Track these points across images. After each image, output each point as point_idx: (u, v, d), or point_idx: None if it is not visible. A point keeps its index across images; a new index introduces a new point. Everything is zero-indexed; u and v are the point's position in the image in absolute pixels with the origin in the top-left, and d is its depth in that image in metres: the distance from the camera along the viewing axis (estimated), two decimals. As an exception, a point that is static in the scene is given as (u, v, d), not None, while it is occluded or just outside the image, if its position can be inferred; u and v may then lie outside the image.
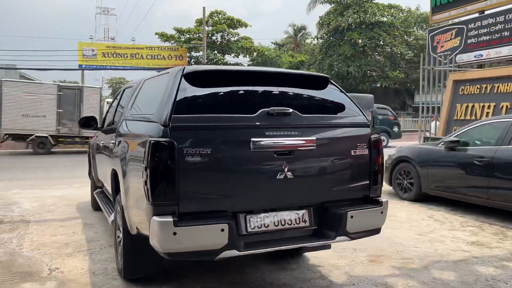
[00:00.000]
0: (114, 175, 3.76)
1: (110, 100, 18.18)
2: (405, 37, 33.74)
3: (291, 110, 2.99)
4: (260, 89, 3.23)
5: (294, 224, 3.04)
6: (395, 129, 21.32)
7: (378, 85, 36.13)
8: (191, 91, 2.97)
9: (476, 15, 11.37)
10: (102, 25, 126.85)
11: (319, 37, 36.50)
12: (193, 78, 3.02)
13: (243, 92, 3.19)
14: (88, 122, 5.11)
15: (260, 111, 2.91)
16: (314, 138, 3.01)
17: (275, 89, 3.27)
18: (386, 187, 8.02)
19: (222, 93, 3.14)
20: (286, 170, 2.90)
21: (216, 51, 36.93)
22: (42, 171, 11.60)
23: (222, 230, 2.67)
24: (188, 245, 2.67)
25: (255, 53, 37.89)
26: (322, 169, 3.12)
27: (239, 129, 2.86)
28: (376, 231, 3.28)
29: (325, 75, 3.61)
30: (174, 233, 2.61)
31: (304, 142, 2.97)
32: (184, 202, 2.69)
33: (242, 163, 2.86)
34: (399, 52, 32.02)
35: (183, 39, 35.88)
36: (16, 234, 4.98)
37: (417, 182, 6.98)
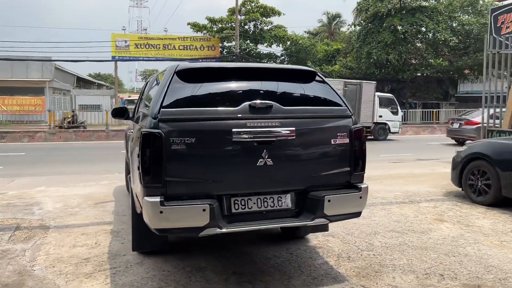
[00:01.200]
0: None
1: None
2: (449, 22, 31.58)
3: (272, 103, 3.23)
4: (247, 84, 3.48)
5: (276, 207, 3.30)
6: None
7: (419, 74, 34.23)
8: (181, 87, 3.25)
9: (549, -10, 9.93)
10: (135, 17, 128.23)
11: (356, 24, 34.80)
12: (185, 75, 3.31)
13: (230, 87, 3.43)
14: (120, 113, 5.07)
15: (242, 104, 3.17)
16: (293, 128, 3.23)
17: (261, 84, 3.52)
18: (453, 188, 6.99)
19: (211, 88, 3.37)
20: (266, 158, 3.15)
21: (248, 41, 35.96)
22: (74, 164, 11.10)
23: (204, 210, 2.96)
24: (173, 222, 3.00)
25: (288, 42, 36.67)
26: (302, 157, 3.33)
27: (222, 120, 3.12)
28: (356, 214, 3.47)
29: (312, 69, 3.76)
30: (161, 212, 2.93)
31: (282, 132, 3.20)
32: (171, 185, 3.01)
33: (224, 151, 3.13)
34: (442, 39, 29.91)
35: (215, 29, 35.08)
36: (31, 245, 4.29)
37: (496, 184, 5.88)
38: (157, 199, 2.94)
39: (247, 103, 3.18)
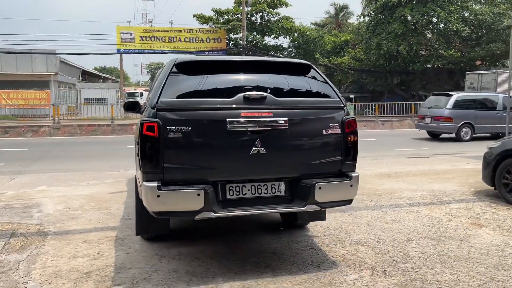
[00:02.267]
0: None
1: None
2: (461, 12, 30.68)
3: (265, 94, 3.36)
4: (243, 76, 3.59)
5: (270, 194, 3.43)
6: None
7: (429, 65, 33.44)
8: (180, 78, 3.42)
9: None
10: (140, 11, 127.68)
11: (365, 15, 34.01)
12: (184, 67, 3.47)
13: (227, 79, 3.56)
14: (132, 106, 4.87)
15: (237, 95, 3.31)
16: (286, 118, 3.34)
17: (257, 76, 3.62)
18: (483, 186, 6.47)
19: (208, 80, 3.47)
20: (259, 146, 3.26)
21: (255, 33, 35.33)
22: (78, 160, 10.69)
23: (199, 195, 3.11)
24: (170, 206, 3.15)
25: (295, 34, 35.97)
26: (294, 146, 3.44)
27: (217, 110, 3.26)
28: (347, 202, 3.58)
29: (307, 62, 3.85)
30: (158, 196, 3.09)
31: (275, 122, 3.31)
32: (168, 171, 3.17)
33: (219, 140, 3.26)
34: (454, 29, 29.03)
35: (221, 21, 34.46)
36: (26, 255, 3.85)
37: (535, 184, 5.38)
38: (155, 184, 3.11)
39: (242, 94, 3.32)
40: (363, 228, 4.59)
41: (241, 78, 3.57)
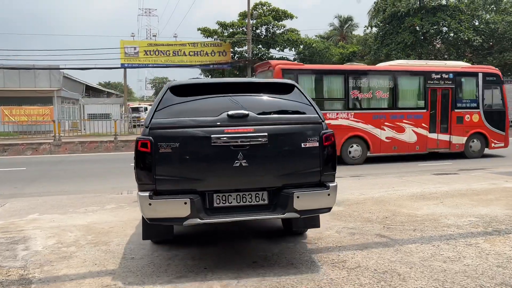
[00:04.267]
0: None
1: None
2: (472, 21, 29.94)
3: (247, 112, 3.74)
4: (230, 96, 3.94)
5: (254, 202, 3.78)
6: None
7: (439, 76, 32.59)
8: (173, 100, 3.85)
9: None
10: (144, 26, 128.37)
11: (373, 26, 33.39)
12: (177, 90, 3.92)
13: (214, 99, 3.95)
14: None
15: (221, 114, 3.72)
16: (266, 134, 3.67)
17: (242, 96, 3.97)
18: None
19: (197, 101, 3.93)
20: (241, 159, 3.61)
21: (260, 45, 34.74)
22: (77, 181, 9.89)
23: (185, 203, 3.51)
24: (160, 213, 3.58)
25: (301, 46, 35.37)
26: (274, 159, 3.73)
27: (203, 128, 3.66)
28: (325, 210, 3.84)
29: (291, 82, 4.23)
30: (150, 204, 3.53)
31: (256, 137, 3.65)
32: (160, 182, 3.60)
33: (205, 154, 3.64)
34: (465, 38, 28.28)
35: (226, 34, 33.92)
36: (-1, 317, 3.02)
37: None
38: (147, 193, 3.53)
39: (226, 112, 3.69)
40: (419, 271, 3.73)
41: (227, 98, 3.90)
